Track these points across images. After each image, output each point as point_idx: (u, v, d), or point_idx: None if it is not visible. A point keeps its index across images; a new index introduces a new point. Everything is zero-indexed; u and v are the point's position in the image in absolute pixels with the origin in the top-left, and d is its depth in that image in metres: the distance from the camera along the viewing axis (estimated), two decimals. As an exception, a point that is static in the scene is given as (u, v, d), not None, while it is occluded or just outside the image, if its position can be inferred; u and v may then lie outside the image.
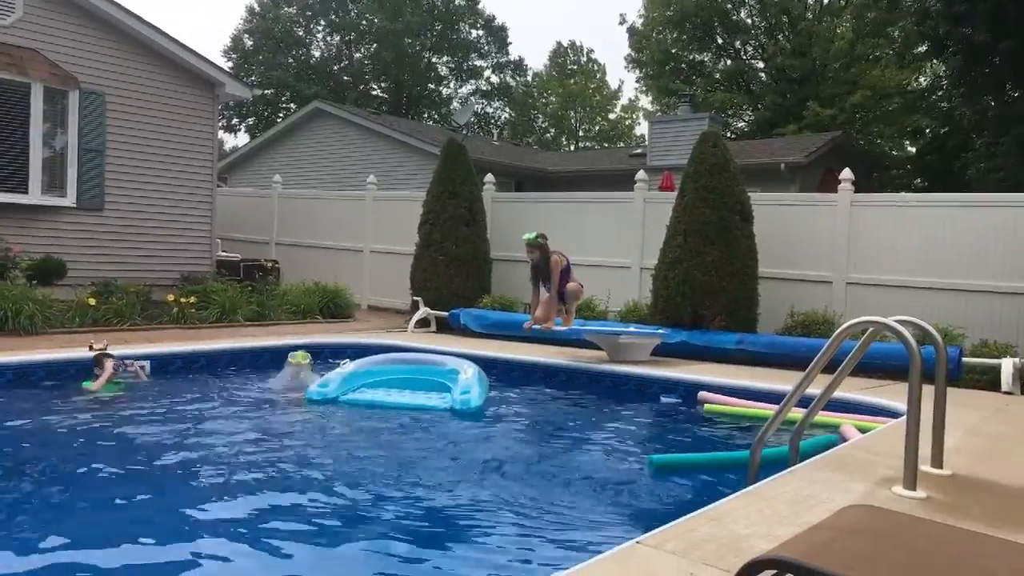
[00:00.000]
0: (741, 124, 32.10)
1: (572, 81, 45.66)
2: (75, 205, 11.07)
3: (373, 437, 5.60)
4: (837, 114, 25.01)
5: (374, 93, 42.17)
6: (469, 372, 6.83)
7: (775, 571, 2.04)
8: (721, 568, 2.48)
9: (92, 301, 9.57)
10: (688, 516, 3.01)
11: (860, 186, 9.87)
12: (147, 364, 7.21)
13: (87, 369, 6.77)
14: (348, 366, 7.00)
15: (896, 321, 3.55)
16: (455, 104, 42.50)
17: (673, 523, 2.92)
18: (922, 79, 27.34)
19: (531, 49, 65.96)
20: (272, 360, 8.20)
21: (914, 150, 27.73)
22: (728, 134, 28.42)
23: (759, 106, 29.90)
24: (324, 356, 8.54)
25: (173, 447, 4.94)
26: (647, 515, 3.97)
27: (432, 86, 43.61)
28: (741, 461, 4.88)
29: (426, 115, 42.13)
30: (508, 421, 6.39)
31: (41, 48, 10.70)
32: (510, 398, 7.31)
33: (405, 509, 3.94)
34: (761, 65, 31.35)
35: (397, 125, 20.17)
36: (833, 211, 9.64)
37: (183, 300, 10.35)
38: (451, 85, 44.78)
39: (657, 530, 2.82)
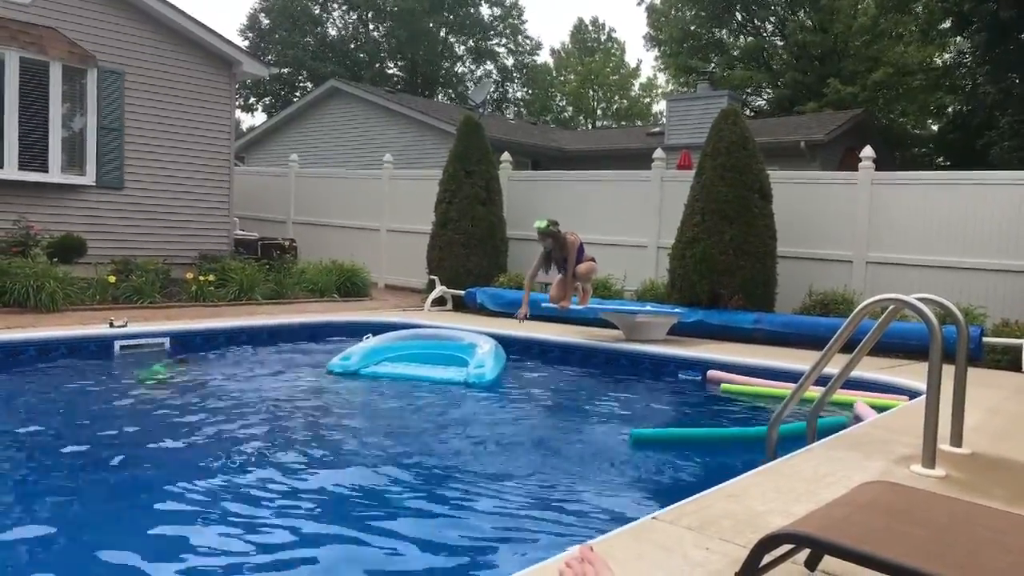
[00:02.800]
0: (760, 102, 31.73)
1: (592, 59, 45.27)
2: (94, 184, 11.14)
3: (389, 406, 5.78)
4: (859, 92, 24.65)
5: (390, 71, 42.03)
6: (486, 347, 7.06)
7: (792, 546, 2.03)
8: (737, 544, 2.48)
9: (112, 279, 9.66)
10: (705, 492, 3.01)
11: (881, 165, 9.75)
12: (166, 341, 7.31)
13: (107, 346, 6.86)
14: (370, 341, 7.21)
15: (917, 299, 3.51)
16: (472, 83, 42.28)
17: (690, 499, 2.92)
18: (946, 56, 26.84)
19: (551, 26, 65.36)
20: (290, 336, 8.36)
21: (936, 128, 27.32)
22: (747, 112, 28.10)
23: (779, 84, 29.53)
24: (341, 334, 8.62)
25: (202, 417, 5.01)
26: (663, 490, 3.98)
27: (448, 65, 43.40)
28: (722, 437, 4.89)
29: (441, 94, 41.97)
30: (522, 396, 6.44)
31: (59, 26, 10.73)
32: (526, 376, 7.35)
33: (414, 478, 4.01)
34: (781, 42, 30.89)
35: (413, 104, 20.10)
36: (853, 189, 9.53)
37: (201, 278, 10.42)
38: (467, 64, 44.56)
39: (674, 505, 2.83)
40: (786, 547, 1.96)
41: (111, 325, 7.27)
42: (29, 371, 6.37)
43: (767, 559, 1.86)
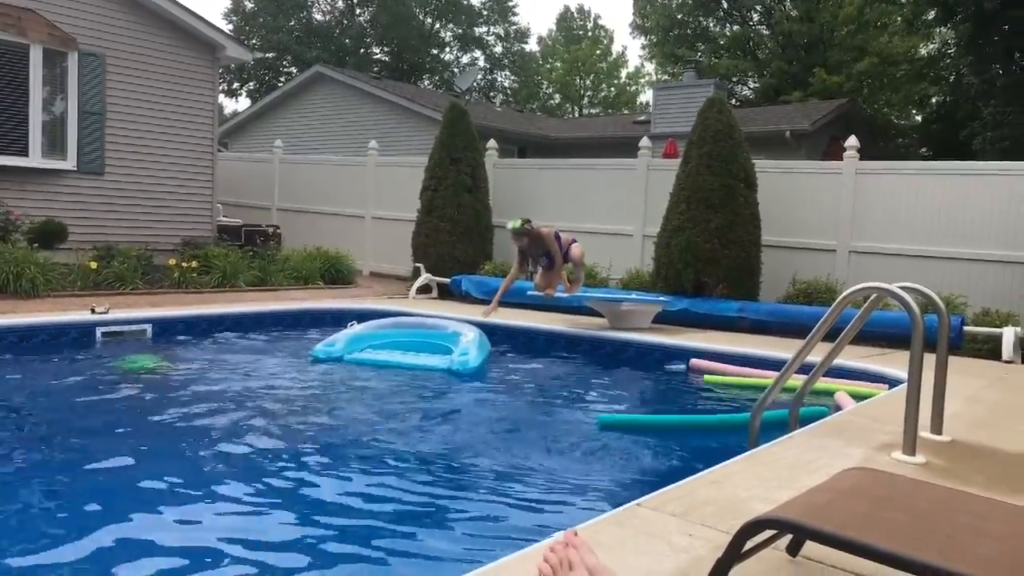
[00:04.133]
0: (746, 91, 31.77)
1: (579, 47, 45.14)
2: (75, 169, 11.02)
3: (372, 393, 5.77)
4: (843, 81, 24.74)
5: (375, 57, 41.73)
6: (470, 335, 7.05)
7: (774, 532, 2.05)
8: (720, 529, 2.49)
9: (93, 265, 9.56)
10: (688, 479, 3.03)
11: (866, 154, 9.79)
12: (148, 328, 7.25)
13: (88, 332, 6.80)
14: (355, 328, 7.18)
15: (899, 288, 3.53)
16: (457, 70, 42.06)
17: (673, 485, 2.93)
18: (930, 46, 26.96)
19: (538, 14, 65.06)
20: (273, 323, 8.33)
21: (920, 119, 27.47)
22: (733, 101, 28.13)
23: (765, 73, 29.59)
24: (326, 322, 8.59)
25: (183, 404, 4.98)
26: (647, 477, 4.00)
27: (435, 51, 43.14)
28: (687, 424, 4.92)
29: (427, 81, 41.72)
30: (506, 384, 6.46)
31: (39, 8, 10.57)
32: (511, 364, 7.35)
33: (398, 465, 4.02)
34: (767, 31, 30.93)
35: (399, 90, 19.99)
36: (838, 179, 9.57)
37: (184, 265, 10.34)
38: (453, 51, 44.32)
39: (657, 492, 2.84)
40: (768, 533, 1.97)
41: (93, 311, 7.21)
42: (9, 358, 6.30)
43: (749, 544, 1.87)
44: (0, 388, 5.45)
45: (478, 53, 44.20)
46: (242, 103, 40.28)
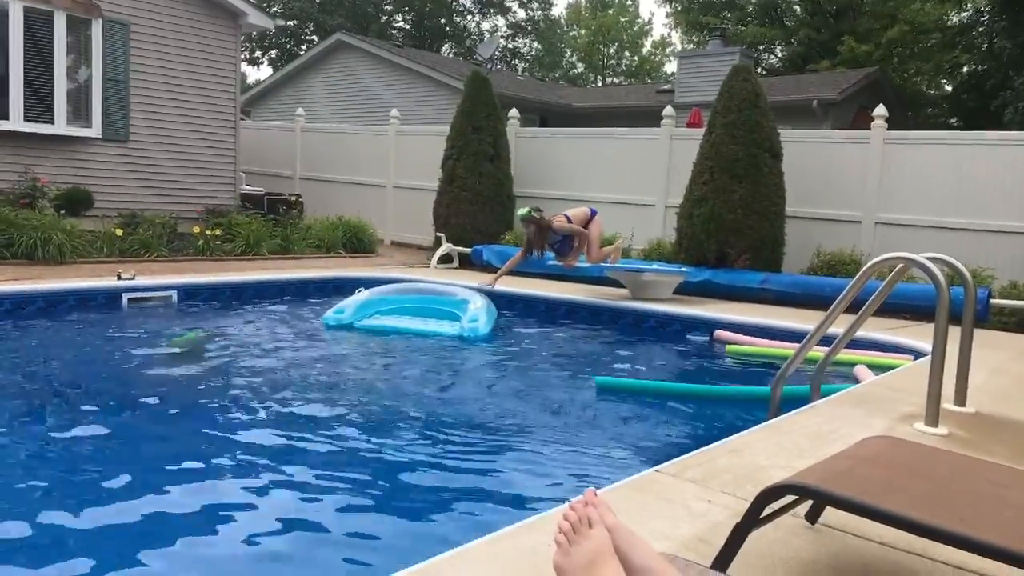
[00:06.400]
0: (773, 60, 31.22)
1: (606, 14, 44.51)
2: (100, 136, 11.09)
3: (385, 358, 5.88)
4: (873, 50, 24.21)
5: (397, 24, 41.43)
6: (479, 303, 7.13)
7: (793, 498, 2.05)
8: (739, 496, 2.50)
9: (119, 232, 9.67)
10: (707, 447, 3.04)
11: (894, 124, 9.63)
12: (173, 294, 7.35)
13: (114, 298, 6.91)
14: (363, 294, 7.27)
15: (926, 258, 3.49)
16: (478, 38, 41.66)
17: (692, 453, 2.94)
18: (963, 14, 26.30)
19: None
20: (296, 291, 8.42)
21: (950, 89, 26.89)
22: (759, 70, 27.69)
23: (792, 41, 29.01)
24: (347, 290, 8.64)
25: (202, 370, 5.06)
26: (663, 444, 4.02)
27: (457, 19, 42.74)
28: (685, 392, 4.92)
29: (447, 49, 41.38)
30: (526, 352, 6.48)
31: (63, -25, 10.58)
32: (532, 332, 7.37)
33: (413, 430, 4.08)
34: (795, -2, 30.29)
35: (420, 58, 19.86)
36: (865, 149, 9.42)
37: (208, 232, 10.42)
38: (475, 19, 43.88)
39: (676, 459, 2.85)
40: (787, 499, 1.98)
41: (119, 278, 7.30)
42: (38, 323, 6.41)
43: (768, 510, 1.88)
44: (27, 349, 5.56)
45: (500, 20, 43.74)
46: (264, 72, 40.36)
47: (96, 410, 4.19)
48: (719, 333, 6.95)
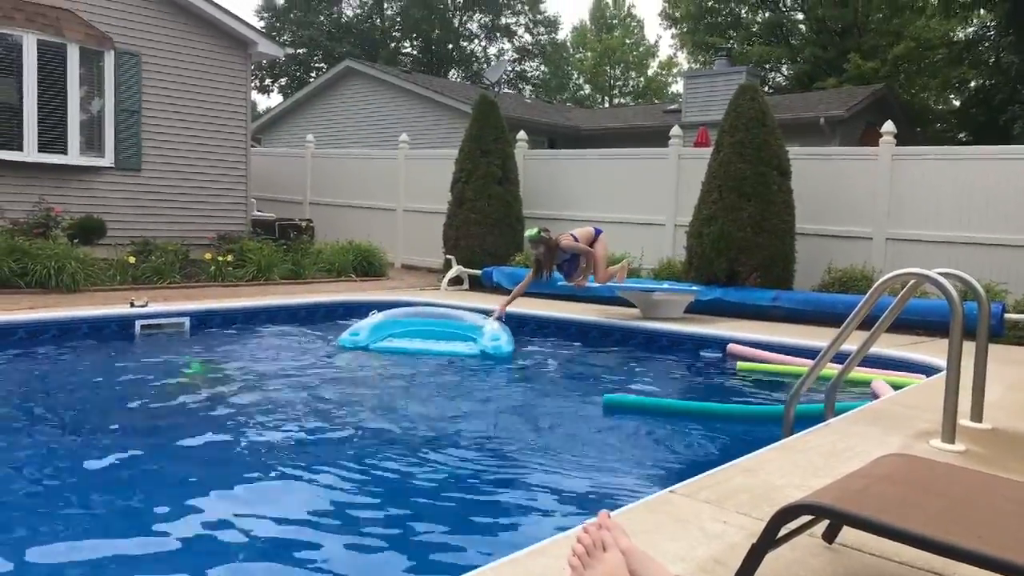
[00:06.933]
0: (779, 78, 31.32)
1: (610, 36, 44.83)
2: (113, 165, 11.22)
3: (403, 380, 5.93)
4: (879, 67, 24.26)
5: (405, 50, 41.84)
6: (495, 324, 7.23)
7: (810, 518, 2.03)
8: (754, 517, 2.48)
9: (132, 259, 9.75)
10: (722, 467, 3.01)
11: (902, 140, 9.62)
12: (186, 320, 7.39)
13: (128, 325, 6.96)
14: (376, 316, 7.31)
15: (938, 273, 3.47)
16: (486, 63, 42.02)
17: (707, 473, 2.92)
18: (968, 29, 26.33)
19: (572, 3, 64.58)
20: (308, 316, 8.46)
21: (958, 104, 26.87)
22: (766, 89, 27.76)
23: (798, 59, 29.11)
24: (359, 313, 8.66)
25: (221, 394, 5.08)
26: (679, 465, 3.99)
27: (464, 44, 43.13)
28: (694, 411, 4.89)
29: (454, 74, 41.72)
30: (537, 373, 6.50)
31: (75, 8, 10.76)
32: (542, 353, 7.36)
33: (426, 450, 4.07)
34: (801, 16, 30.44)
35: (428, 83, 20.04)
36: (874, 164, 9.42)
37: (220, 259, 10.49)
38: (482, 43, 44.28)
39: (691, 479, 2.83)
40: (804, 519, 1.96)
41: (132, 305, 7.34)
42: (52, 350, 6.45)
43: (784, 531, 1.86)
44: (37, 378, 5.59)
45: (506, 44, 44.11)
46: (274, 99, 40.71)
47: (113, 436, 4.20)
48: (732, 347, 6.93)
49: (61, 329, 6.80)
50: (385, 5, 42.26)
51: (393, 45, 41.34)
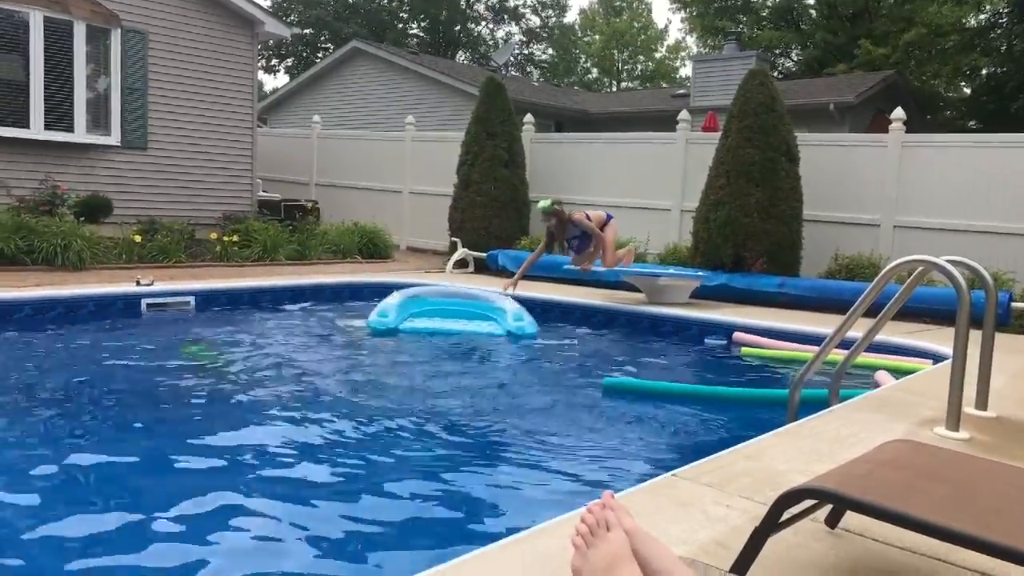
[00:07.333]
0: (789, 64, 31.08)
1: (619, 19, 44.51)
2: (119, 144, 11.20)
3: (424, 362, 6.01)
4: (890, 53, 24.04)
5: (412, 32, 41.62)
6: (515, 304, 7.28)
7: (812, 502, 2.04)
8: (757, 501, 2.48)
9: (138, 238, 9.76)
10: (725, 451, 3.02)
11: (912, 127, 9.56)
12: (192, 299, 7.41)
13: (134, 304, 6.99)
14: (396, 296, 7.28)
15: (946, 261, 3.45)
16: (492, 45, 41.79)
17: (710, 457, 2.92)
18: (980, 16, 26.08)
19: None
20: (314, 296, 8.48)
21: (969, 91, 26.65)
22: (775, 74, 27.55)
23: (808, 44, 28.88)
24: (364, 295, 8.68)
25: (239, 374, 5.11)
26: (684, 448, 4.00)
27: (472, 26, 42.88)
28: (694, 394, 4.90)
29: (461, 56, 41.50)
30: (544, 358, 6.49)
31: (83, -14, 10.71)
32: (548, 337, 7.35)
33: (434, 429, 4.08)
34: (811, 1, 30.16)
35: (435, 65, 19.93)
36: (883, 151, 9.36)
37: (226, 239, 10.49)
38: (489, 25, 44.00)
39: (694, 463, 2.83)
40: (806, 504, 1.96)
41: (138, 283, 7.36)
42: (60, 327, 6.48)
43: (787, 515, 1.86)
44: (49, 354, 5.61)
45: (514, 27, 43.83)
46: (280, 80, 40.58)
47: (121, 417, 4.22)
48: (738, 335, 6.92)
49: (68, 307, 6.83)
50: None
51: (400, 26, 41.11)
